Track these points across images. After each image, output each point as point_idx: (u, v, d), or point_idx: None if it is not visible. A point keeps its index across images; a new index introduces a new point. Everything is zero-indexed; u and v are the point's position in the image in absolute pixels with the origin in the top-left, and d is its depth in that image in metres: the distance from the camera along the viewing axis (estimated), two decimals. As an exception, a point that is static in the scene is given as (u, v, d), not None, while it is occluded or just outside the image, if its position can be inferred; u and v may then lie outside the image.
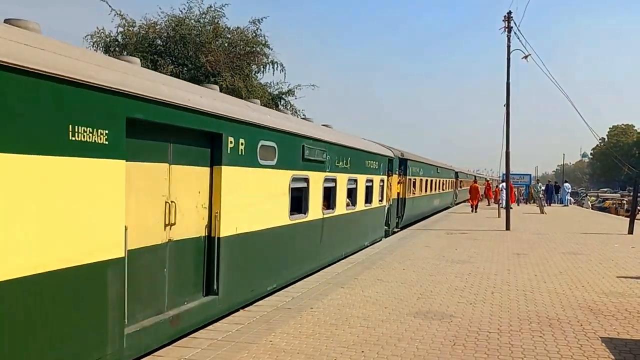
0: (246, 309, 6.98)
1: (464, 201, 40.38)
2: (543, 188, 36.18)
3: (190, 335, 5.78)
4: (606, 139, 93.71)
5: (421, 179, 22.33)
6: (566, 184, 40.78)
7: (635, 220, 18.23)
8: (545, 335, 5.95)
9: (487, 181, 43.71)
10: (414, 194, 20.68)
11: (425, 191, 23.72)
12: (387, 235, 15.82)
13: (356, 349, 5.36)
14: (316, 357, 5.12)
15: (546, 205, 32.37)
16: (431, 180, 25.06)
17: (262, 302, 7.30)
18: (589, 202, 47.31)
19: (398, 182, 17.63)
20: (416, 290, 8.14)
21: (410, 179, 19.63)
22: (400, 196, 18.20)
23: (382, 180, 14.79)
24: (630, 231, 17.40)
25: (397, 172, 17.31)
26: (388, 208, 16.05)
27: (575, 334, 6.00)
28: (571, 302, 7.57)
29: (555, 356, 5.26)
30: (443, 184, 30.30)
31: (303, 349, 5.33)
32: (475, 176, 48.09)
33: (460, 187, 41.92)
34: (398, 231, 17.48)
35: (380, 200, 14.64)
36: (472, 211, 28.57)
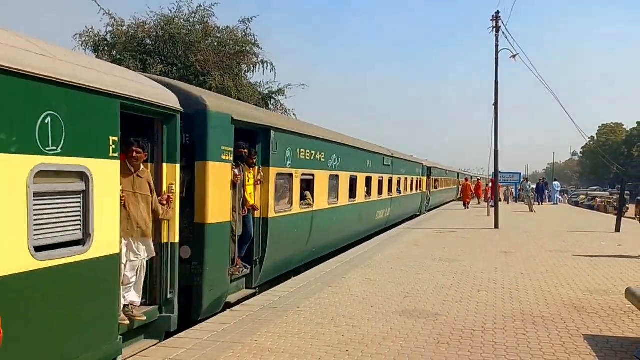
0: (233, 308, 7.00)
1: (444, 204, 35.89)
2: (533, 187, 36.53)
3: (176, 335, 5.79)
4: (595, 138, 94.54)
5: (334, 176, 11.90)
6: (555, 182, 41.16)
7: (623, 219, 18.44)
8: (528, 332, 6.01)
9: (478, 180, 43.97)
10: (309, 205, 10.25)
11: (352, 197, 13.48)
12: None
13: (341, 347, 5.39)
14: (301, 356, 5.14)
15: (536, 203, 32.73)
16: (368, 179, 15.26)
17: (249, 302, 7.32)
18: (566, 201, 49.36)
19: (235, 185, 7.36)
20: (403, 289, 8.18)
21: (290, 176, 9.31)
22: (257, 214, 8.14)
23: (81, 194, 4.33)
24: (618, 229, 17.57)
25: (228, 160, 7.04)
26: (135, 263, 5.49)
27: (558, 332, 6.06)
28: (556, 299, 7.64)
29: (537, 353, 5.31)
30: (400, 184, 20.46)
31: (288, 348, 5.35)
32: (458, 173, 48.15)
33: (436, 187, 32.74)
34: (233, 304, 7.43)
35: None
36: (464, 208, 30.25)
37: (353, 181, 13.70)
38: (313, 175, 10.53)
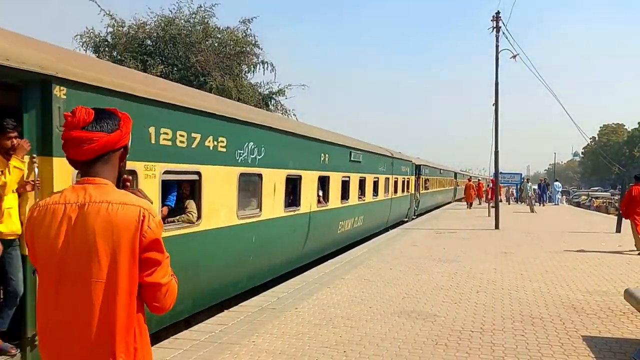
0: (231, 309, 6.99)
1: (438, 207, 32.73)
2: (534, 187, 36.53)
3: (173, 336, 5.79)
4: (597, 138, 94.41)
5: (252, 175, 8.11)
6: (557, 183, 41.11)
7: (623, 219, 18.38)
8: (527, 334, 5.99)
9: (479, 181, 44.00)
10: (191, 223, 6.36)
11: (293, 205, 9.91)
12: None
13: (338, 349, 5.37)
14: (298, 357, 5.13)
15: (537, 204, 32.70)
16: (324, 179, 11.62)
17: (247, 303, 7.31)
18: (563, 200, 49.30)
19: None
20: (402, 290, 8.16)
21: (132, 174, 5.03)
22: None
23: None
24: (618, 230, 17.53)
25: None
26: None
27: (557, 333, 6.04)
28: (555, 300, 7.62)
29: (536, 355, 5.29)
30: (378, 185, 17.04)
31: (285, 349, 5.33)
32: (455, 173, 48.19)
33: (427, 188, 28.93)
34: None
35: None
36: (467, 207, 30.78)
37: (294, 182, 9.98)
38: (199, 173, 6.53)
